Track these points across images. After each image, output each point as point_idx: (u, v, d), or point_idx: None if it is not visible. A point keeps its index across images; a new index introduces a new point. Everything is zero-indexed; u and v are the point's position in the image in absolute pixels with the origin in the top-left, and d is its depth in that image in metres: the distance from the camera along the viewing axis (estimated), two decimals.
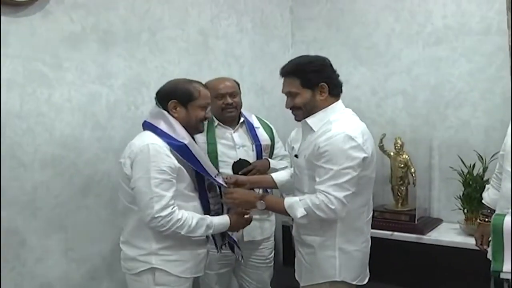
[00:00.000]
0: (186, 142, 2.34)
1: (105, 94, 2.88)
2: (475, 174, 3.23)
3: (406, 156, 3.46)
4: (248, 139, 3.08)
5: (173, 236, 2.33)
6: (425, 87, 3.62)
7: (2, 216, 2.48)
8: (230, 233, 2.63)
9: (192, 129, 2.46)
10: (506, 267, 2.12)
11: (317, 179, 2.33)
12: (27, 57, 2.53)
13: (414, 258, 3.21)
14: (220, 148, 2.98)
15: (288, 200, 2.42)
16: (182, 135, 2.36)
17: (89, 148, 2.81)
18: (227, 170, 2.96)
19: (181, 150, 2.33)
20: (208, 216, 2.41)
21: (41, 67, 2.59)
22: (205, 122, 2.93)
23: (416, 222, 3.30)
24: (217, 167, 2.90)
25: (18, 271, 2.55)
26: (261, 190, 2.97)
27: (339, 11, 3.94)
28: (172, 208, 2.27)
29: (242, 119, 3.08)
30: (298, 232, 2.59)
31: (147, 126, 2.41)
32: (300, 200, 2.37)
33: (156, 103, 2.46)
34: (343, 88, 2.54)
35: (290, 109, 2.50)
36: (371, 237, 2.60)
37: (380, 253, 2.80)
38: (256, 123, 3.15)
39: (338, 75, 2.50)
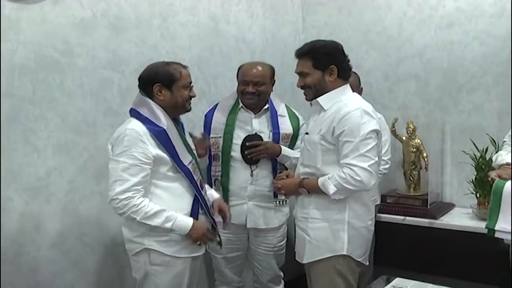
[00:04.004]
0: (165, 127, 2.39)
1: (117, 80, 2.89)
2: (487, 158, 3.20)
3: (418, 141, 3.45)
4: (268, 126, 3.08)
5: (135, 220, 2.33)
6: (438, 71, 3.60)
7: (17, 201, 2.50)
8: (214, 217, 2.58)
9: (181, 109, 2.51)
10: (498, 226, 2.24)
11: (341, 155, 2.46)
12: (38, 43, 2.54)
13: (426, 243, 3.21)
14: (236, 131, 3.02)
15: (321, 180, 2.51)
16: (162, 120, 2.39)
17: (102, 134, 2.82)
18: (238, 153, 3.01)
19: (159, 135, 2.37)
20: (172, 211, 2.37)
21: (53, 53, 2.60)
22: (231, 104, 3.02)
23: (428, 206, 3.29)
24: (230, 148, 3.00)
25: (33, 256, 2.58)
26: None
27: None
28: (132, 193, 2.30)
29: (267, 106, 3.08)
30: (304, 208, 2.64)
31: (133, 113, 2.45)
32: (329, 178, 2.47)
33: (140, 90, 2.48)
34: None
35: (301, 88, 2.63)
36: (383, 222, 2.61)
37: (393, 238, 2.81)
38: (281, 112, 3.14)
39: (348, 60, 2.62)
